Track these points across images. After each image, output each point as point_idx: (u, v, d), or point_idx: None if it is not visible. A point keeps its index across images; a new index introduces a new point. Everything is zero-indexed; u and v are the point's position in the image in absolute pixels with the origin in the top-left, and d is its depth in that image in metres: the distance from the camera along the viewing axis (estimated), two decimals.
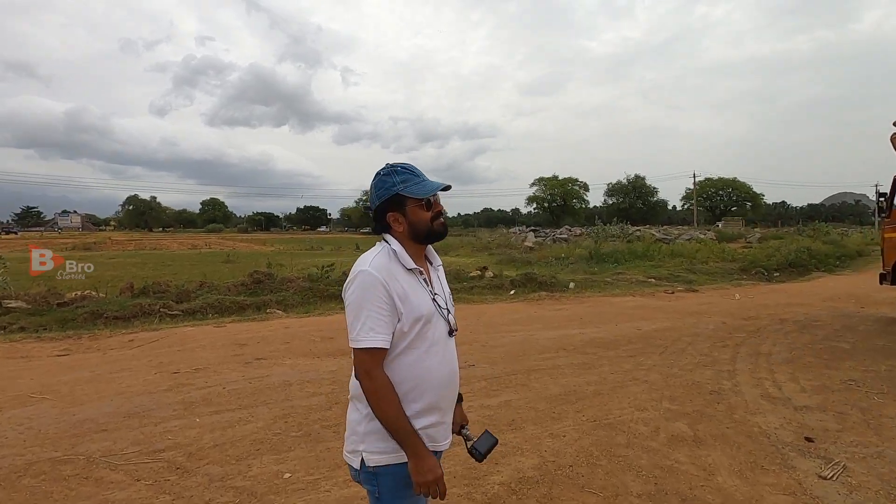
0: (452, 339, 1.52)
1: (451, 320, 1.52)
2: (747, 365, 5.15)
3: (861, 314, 8.24)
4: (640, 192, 71.73)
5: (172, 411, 3.94)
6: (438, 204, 1.48)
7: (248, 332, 7.01)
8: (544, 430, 3.52)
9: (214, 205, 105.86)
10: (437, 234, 1.47)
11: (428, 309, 1.43)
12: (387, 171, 1.46)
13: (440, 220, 1.48)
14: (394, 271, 1.41)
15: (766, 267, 15.33)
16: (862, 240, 27.05)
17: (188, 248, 34.64)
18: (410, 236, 1.46)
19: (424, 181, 1.45)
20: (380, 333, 1.36)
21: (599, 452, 3.18)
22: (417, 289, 1.44)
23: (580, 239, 24.15)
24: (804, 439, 3.35)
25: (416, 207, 1.44)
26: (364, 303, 1.36)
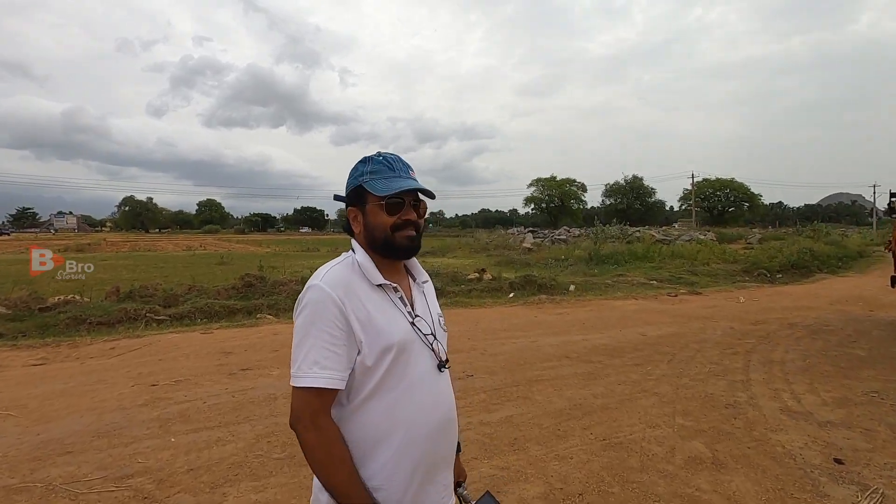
0: (444, 374, 1.21)
1: (438, 350, 1.20)
2: (761, 374, 4.87)
3: (872, 318, 7.98)
4: (637, 192, 71.55)
5: (146, 430, 3.63)
6: (411, 211, 1.17)
7: (235, 338, 6.70)
8: (549, 451, 3.23)
9: (211, 206, 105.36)
10: (396, 247, 1.16)
11: (402, 336, 1.12)
12: (362, 159, 1.21)
13: (406, 233, 1.16)
14: (354, 287, 1.12)
15: (768, 268, 15.09)
16: (862, 240, 26.90)
17: (183, 249, 34.28)
18: (367, 243, 1.18)
19: (395, 178, 1.15)
20: (326, 369, 1.06)
21: (611, 478, 2.89)
22: (388, 310, 1.14)
23: (579, 240, 23.88)
24: (833, 461, 3.07)
25: (376, 207, 1.15)
26: (310, 327, 1.08)
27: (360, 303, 1.10)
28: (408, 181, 1.16)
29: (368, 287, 1.13)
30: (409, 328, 1.15)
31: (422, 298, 1.25)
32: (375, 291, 1.14)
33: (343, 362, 1.08)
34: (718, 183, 68.42)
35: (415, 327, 1.16)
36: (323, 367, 1.06)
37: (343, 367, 1.08)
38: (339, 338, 1.07)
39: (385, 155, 1.19)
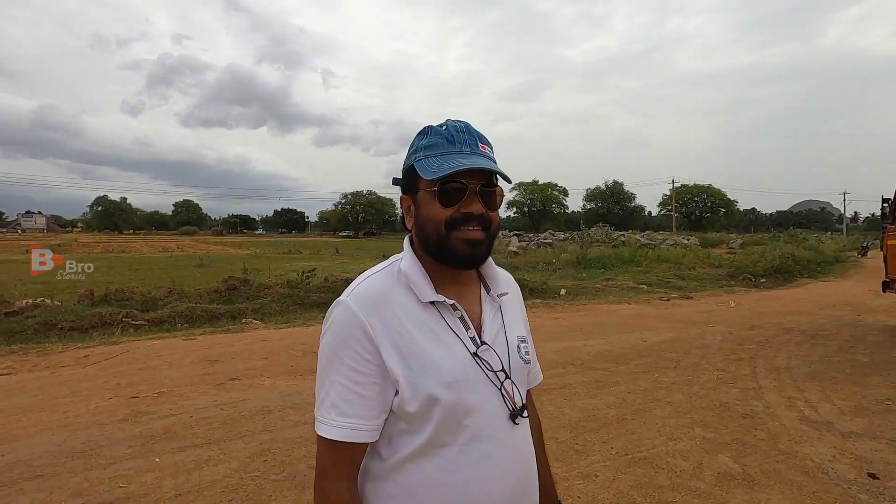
0: (521, 425, 0.89)
1: (512, 392, 0.88)
2: (771, 382, 4.76)
3: (863, 323, 8.03)
4: (618, 197, 72.48)
5: (127, 448, 3.30)
6: (475, 201, 0.84)
7: (221, 345, 6.33)
8: (572, 469, 3.01)
9: (188, 206, 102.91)
10: (452, 252, 0.84)
11: (458, 372, 0.82)
12: (422, 129, 0.90)
13: (466, 233, 0.84)
14: (395, 304, 0.84)
15: (752, 273, 15.25)
16: (836, 246, 27.64)
17: (159, 251, 33.27)
18: (421, 243, 0.88)
19: (453, 154, 0.84)
20: (347, 416, 0.80)
21: (642, 498, 2.69)
22: (441, 336, 0.84)
23: (565, 243, 23.91)
24: (867, 475, 2.93)
25: (427, 195, 0.85)
26: (331, 358, 0.82)
27: (400, 326, 0.82)
28: (470, 158, 0.83)
29: (416, 304, 0.85)
30: (470, 361, 0.84)
31: (496, 319, 0.92)
32: (426, 310, 0.85)
33: (372, 407, 0.82)
34: (696, 189, 69.81)
35: (478, 360, 0.85)
36: (343, 413, 0.81)
37: (372, 413, 0.82)
38: (367, 374, 0.81)
39: (451, 123, 0.88)
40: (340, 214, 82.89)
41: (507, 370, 0.88)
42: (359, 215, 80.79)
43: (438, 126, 0.88)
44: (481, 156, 0.85)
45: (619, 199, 72.49)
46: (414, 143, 0.89)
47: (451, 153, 0.84)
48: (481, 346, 0.87)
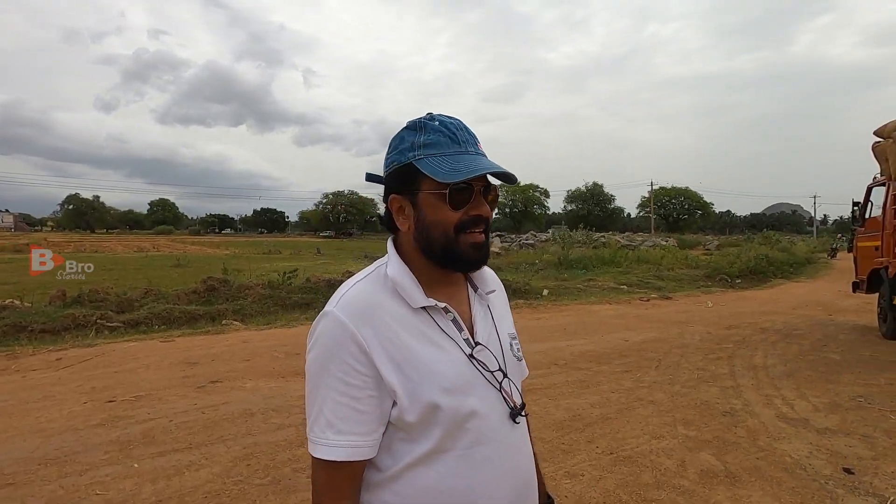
0: (520, 424, 0.88)
1: (511, 391, 0.87)
2: (749, 380, 4.87)
3: (834, 322, 8.29)
4: (598, 199, 73.43)
5: (104, 454, 3.20)
6: (482, 203, 0.82)
7: (200, 347, 6.20)
8: (559, 468, 3.03)
9: (164, 205, 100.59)
10: (459, 256, 0.82)
11: (457, 377, 0.80)
12: (411, 125, 0.85)
13: (474, 236, 0.82)
14: (385, 311, 0.80)
15: (728, 274, 15.61)
16: (807, 248, 28.49)
17: (134, 250, 32.47)
18: (421, 246, 0.84)
19: (462, 154, 0.81)
20: (344, 434, 0.77)
21: (628, 497, 2.72)
22: (436, 340, 0.82)
23: (546, 244, 24.12)
24: (843, 470, 3.02)
25: (434, 197, 0.81)
26: (321, 373, 0.78)
27: (393, 334, 0.79)
28: (480, 159, 0.81)
29: (407, 309, 0.82)
30: (467, 363, 0.82)
31: (486, 317, 0.90)
32: (417, 315, 0.82)
33: (369, 421, 0.78)
34: (674, 191, 71.21)
35: (474, 361, 0.83)
36: (339, 430, 0.76)
37: (370, 427, 0.78)
38: (362, 387, 0.77)
39: (443, 119, 0.84)
40: (321, 214, 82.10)
41: (504, 369, 0.87)
42: (340, 215, 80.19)
43: (429, 121, 0.84)
44: (483, 156, 0.83)
45: (600, 200, 73.45)
46: (405, 140, 0.83)
47: (458, 153, 0.81)
48: (476, 347, 0.84)
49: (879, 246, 7.26)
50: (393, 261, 0.85)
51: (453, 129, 0.83)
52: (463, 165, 0.79)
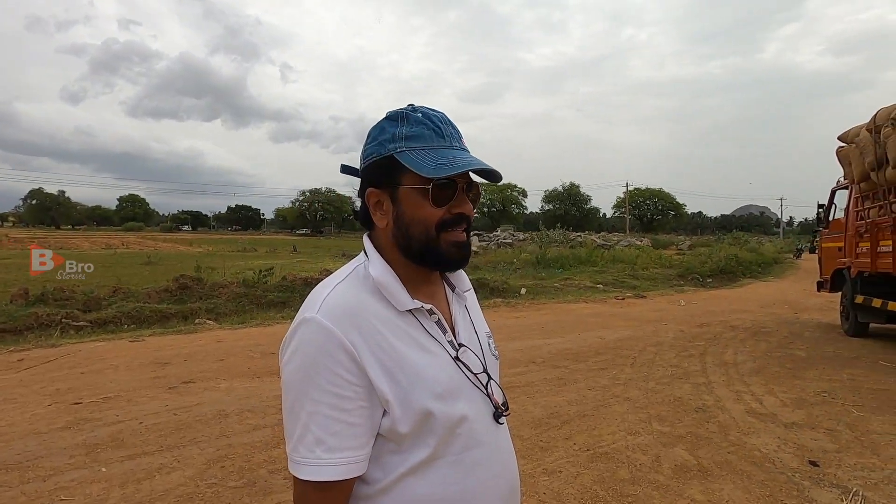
0: (503, 426, 0.86)
1: (494, 392, 0.85)
2: (720, 377, 5.01)
3: (800, 320, 8.59)
4: (574, 199, 74.49)
5: (69, 458, 3.08)
6: (465, 201, 0.79)
7: (172, 347, 6.04)
8: (537, 466, 3.05)
9: (134, 201, 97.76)
10: (440, 256, 0.79)
11: (447, 384, 0.77)
12: (391, 115, 0.81)
13: (456, 235, 0.79)
14: (371, 314, 0.76)
15: (700, 273, 16.03)
16: (774, 248, 29.49)
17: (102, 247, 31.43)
18: (400, 244, 0.80)
19: (446, 149, 0.78)
20: (336, 451, 0.71)
21: (605, 492, 2.76)
22: (424, 344, 0.78)
23: (524, 244, 24.33)
24: (809, 463, 3.12)
25: (416, 192, 0.77)
26: (306, 387, 0.71)
27: (381, 339, 0.74)
28: (464, 155, 0.78)
29: (392, 312, 0.77)
30: (455, 367, 0.79)
31: (465, 317, 0.88)
32: (402, 318, 0.78)
33: (361, 434, 0.73)
34: (648, 192, 72.73)
35: (460, 364, 0.80)
36: (331, 448, 0.70)
37: (362, 440, 0.73)
38: (353, 398, 0.72)
39: (426, 111, 0.80)
40: (298, 212, 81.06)
41: (487, 369, 0.85)
42: (317, 213, 79.26)
43: (411, 112, 0.80)
44: (467, 152, 0.80)
45: (576, 200, 74.52)
46: (386, 131, 0.79)
47: (442, 148, 0.78)
48: (460, 349, 0.82)
49: (842, 247, 7.55)
50: (375, 261, 0.81)
51: (437, 121, 0.79)
52: (448, 160, 0.76)
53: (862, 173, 6.36)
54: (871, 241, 6.43)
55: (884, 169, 5.80)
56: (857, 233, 6.92)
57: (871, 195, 6.48)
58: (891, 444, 3.40)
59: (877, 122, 5.93)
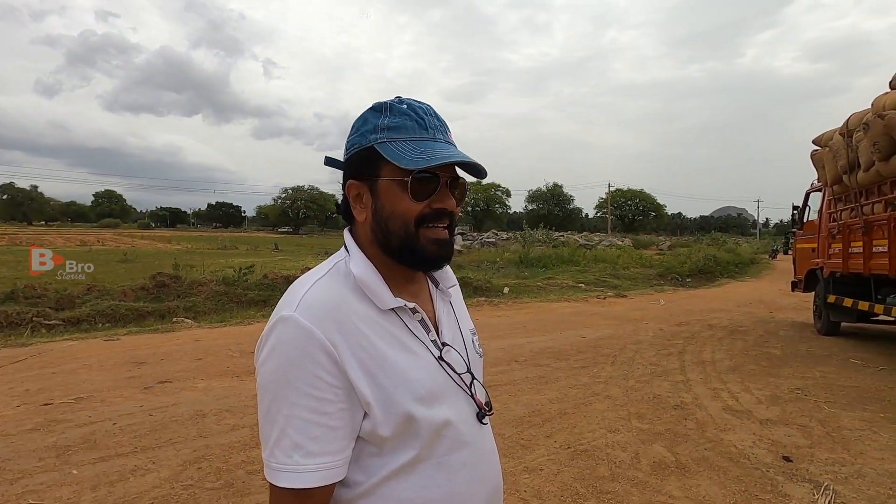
0: (486, 426, 0.84)
1: (477, 392, 0.83)
2: (698, 374, 5.09)
3: (775, 319, 8.79)
4: (558, 199, 75.04)
5: (38, 461, 2.99)
6: (447, 196, 0.77)
7: (148, 346, 5.91)
8: (518, 464, 3.06)
9: (110, 197, 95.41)
10: (419, 253, 0.76)
11: (430, 386, 0.75)
12: (375, 106, 0.78)
13: (436, 232, 0.76)
14: (352, 312, 0.73)
15: (679, 273, 16.31)
16: (751, 249, 30.17)
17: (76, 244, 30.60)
18: (378, 239, 0.77)
19: (429, 141, 0.75)
20: (314, 456, 0.68)
21: (585, 489, 2.78)
22: (408, 345, 0.76)
23: (507, 243, 24.44)
24: (782, 459, 3.19)
25: (395, 185, 0.74)
26: (284, 389, 0.68)
27: (363, 339, 0.72)
28: (448, 148, 0.75)
29: (374, 310, 0.75)
30: (438, 368, 0.77)
31: (450, 315, 0.86)
32: (385, 317, 0.76)
33: (342, 437, 0.70)
34: (630, 193, 73.69)
35: (443, 363, 0.78)
36: (309, 453, 0.68)
37: (342, 444, 0.70)
38: (333, 401, 0.69)
39: (411, 103, 0.78)
40: (280, 209, 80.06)
41: (471, 368, 0.83)
42: (300, 211, 78.42)
43: (397, 103, 0.77)
44: (453, 145, 0.78)
45: (559, 200, 75.06)
46: (369, 121, 0.77)
47: (424, 140, 0.75)
48: (444, 349, 0.80)
49: (816, 248, 7.75)
50: (356, 257, 0.78)
51: (422, 113, 0.77)
52: (429, 152, 0.73)
53: (835, 176, 6.53)
54: (842, 243, 6.61)
55: (855, 172, 5.97)
56: (829, 234, 7.11)
57: (844, 198, 6.66)
58: (860, 439, 3.50)
59: (849, 127, 6.10)
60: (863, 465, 3.09)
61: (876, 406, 4.18)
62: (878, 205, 5.76)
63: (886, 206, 5.57)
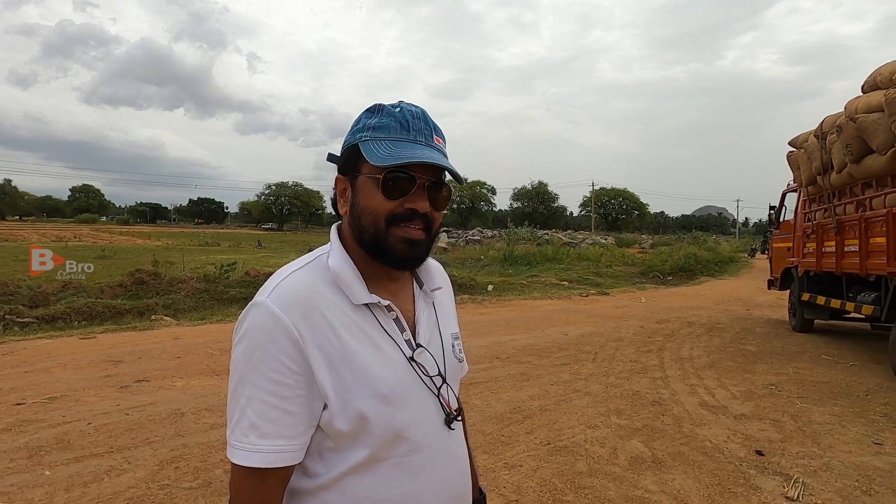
0: (455, 431, 0.84)
1: (448, 396, 0.83)
2: (676, 371, 5.19)
3: (752, 317, 8.99)
4: (542, 197, 75.47)
5: (9, 462, 2.92)
6: (422, 197, 0.77)
7: (125, 344, 5.81)
8: (498, 460, 3.09)
9: (87, 192, 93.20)
10: (388, 251, 0.77)
11: (394, 385, 0.76)
12: (373, 107, 0.81)
13: (407, 231, 0.77)
14: (323, 304, 0.75)
15: (661, 271, 16.55)
16: (730, 248, 30.75)
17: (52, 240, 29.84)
18: (355, 234, 0.79)
19: (406, 143, 0.76)
20: (269, 438, 0.70)
21: (563, 484, 2.81)
22: (376, 341, 0.77)
23: (492, 241, 24.52)
24: (755, 453, 3.27)
25: (370, 181, 0.76)
26: (247, 370, 0.71)
27: (330, 331, 0.73)
28: (424, 150, 0.76)
29: (347, 305, 0.76)
30: (407, 367, 0.78)
31: (430, 317, 0.87)
32: (358, 312, 0.77)
33: (298, 423, 0.72)
34: (613, 192, 74.45)
35: (414, 364, 0.79)
36: (263, 434, 0.70)
37: (298, 430, 0.72)
38: (293, 386, 0.71)
39: (405, 106, 0.80)
40: (263, 206, 79.11)
41: (443, 373, 0.83)
42: (283, 207, 77.59)
43: (391, 106, 0.80)
44: (435, 149, 0.78)
45: (544, 199, 75.50)
46: (360, 121, 0.80)
47: (403, 140, 0.77)
48: (417, 350, 0.80)
49: (791, 247, 7.94)
50: (335, 251, 0.80)
51: (408, 115, 0.78)
52: (402, 152, 0.75)
53: (809, 177, 6.70)
54: (816, 242, 6.78)
55: (829, 174, 6.13)
56: (804, 234, 7.28)
57: (818, 198, 6.83)
58: (829, 433, 3.61)
59: (823, 129, 6.26)
60: (831, 458, 3.19)
61: (845, 401, 4.31)
62: (850, 206, 5.92)
63: (858, 207, 5.73)
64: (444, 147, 0.82)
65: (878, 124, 5.04)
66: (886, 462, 3.14)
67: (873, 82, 5.56)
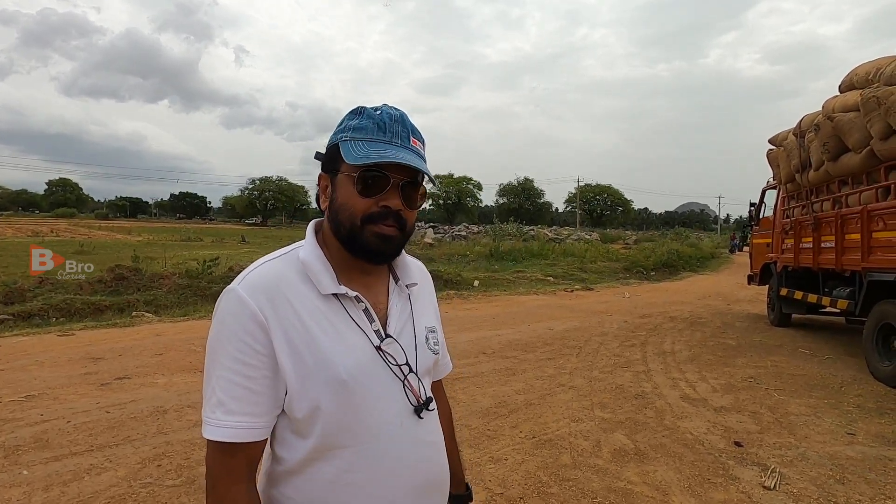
0: (427, 420, 0.87)
1: (417, 386, 0.86)
2: (658, 365, 5.27)
3: (732, 311, 9.17)
4: (528, 193, 75.82)
5: None
6: (395, 196, 0.81)
7: (105, 341, 5.70)
8: (483, 454, 3.11)
9: (64, 185, 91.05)
10: (363, 245, 0.81)
11: (354, 368, 0.79)
12: (356, 109, 0.85)
13: (380, 228, 0.80)
14: (291, 292, 0.79)
15: (644, 267, 16.77)
16: (711, 244, 31.28)
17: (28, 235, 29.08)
18: (332, 229, 0.84)
19: (381, 143, 0.80)
20: (234, 414, 0.75)
21: (548, 477, 2.85)
22: (340, 329, 0.80)
23: (478, 237, 24.58)
24: (734, 444, 3.35)
25: (347, 179, 0.80)
26: (217, 351, 0.77)
27: (295, 318, 0.77)
28: (397, 151, 0.79)
29: (316, 295, 0.80)
30: (372, 355, 0.81)
31: (404, 310, 0.89)
32: (326, 302, 0.80)
33: (262, 402, 0.77)
34: (598, 188, 75.09)
35: (382, 353, 0.82)
36: (229, 410, 0.75)
37: (262, 409, 0.77)
38: (258, 367, 0.75)
39: (385, 109, 0.83)
40: (247, 200, 78.09)
41: (414, 363, 0.86)
42: (268, 202, 76.70)
43: (372, 109, 0.84)
44: (411, 151, 0.82)
45: (530, 195, 75.85)
46: (343, 122, 0.85)
47: (379, 141, 0.80)
48: (385, 339, 0.83)
49: (770, 243, 8.11)
50: (308, 244, 0.85)
51: (386, 118, 0.82)
52: (375, 152, 0.78)
53: (788, 175, 6.84)
54: (794, 238, 6.93)
55: (807, 171, 6.26)
56: (783, 230, 7.44)
57: (796, 195, 6.98)
58: (805, 424, 3.71)
59: (802, 128, 6.39)
60: (807, 449, 3.28)
61: (821, 393, 4.44)
62: (827, 203, 6.06)
63: (834, 204, 5.87)
64: (422, 149, 0.86)
65: (854, 123, 5.17)
66: (858, 452, 3.24)
67: (850, 82, 5.69)
